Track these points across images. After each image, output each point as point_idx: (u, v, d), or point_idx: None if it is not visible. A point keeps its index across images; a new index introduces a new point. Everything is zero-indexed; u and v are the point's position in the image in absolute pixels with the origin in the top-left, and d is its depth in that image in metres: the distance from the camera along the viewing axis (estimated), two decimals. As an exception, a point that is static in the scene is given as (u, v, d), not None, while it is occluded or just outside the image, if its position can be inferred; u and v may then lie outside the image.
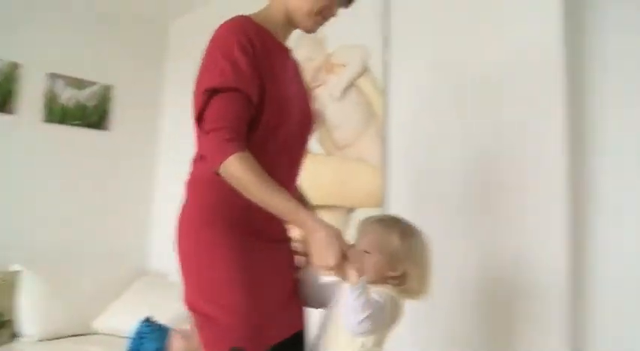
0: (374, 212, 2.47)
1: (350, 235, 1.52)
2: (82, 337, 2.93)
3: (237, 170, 1.33)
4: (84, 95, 3.52)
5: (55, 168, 3.39)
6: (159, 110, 3.94)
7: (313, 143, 2.57)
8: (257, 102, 1.41)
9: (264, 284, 1.41)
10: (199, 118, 1.42)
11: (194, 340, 2.29)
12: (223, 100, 1.39)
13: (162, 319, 2.51)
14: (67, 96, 3.45)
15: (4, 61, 3.19)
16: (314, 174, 2.36)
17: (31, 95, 3.31)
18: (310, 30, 1.59)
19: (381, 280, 1.43)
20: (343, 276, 1.30)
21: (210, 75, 1.41)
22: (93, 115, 3.56)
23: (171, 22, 4.03)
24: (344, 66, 2.85)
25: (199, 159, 1.51)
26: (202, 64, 1.46)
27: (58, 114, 3.41)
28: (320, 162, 2.81)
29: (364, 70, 2.73)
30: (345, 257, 1.29)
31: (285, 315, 1.46)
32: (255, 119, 1.43)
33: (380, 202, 2.50)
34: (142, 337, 2.31)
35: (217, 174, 1.36)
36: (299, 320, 1.52)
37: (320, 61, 2.96)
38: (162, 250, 3.73)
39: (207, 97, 1.39)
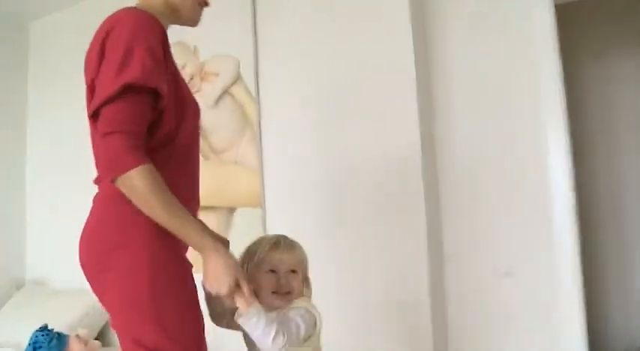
0: (255, 212, 2.75)
1: (232, 234, 1.69)
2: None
3: (140, 185, 1.22)
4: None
5: None
6: (25, 114, 3.84)
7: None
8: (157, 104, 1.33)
9: (197, 308, 1.39)
10: (95, 114, 1.30)
11: (92, 343, 2.42)
12: (135, 99, 1.27)
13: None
14: None
15: None
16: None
17: None
18: (196, 22, 1.56)
19: (300, 293, 1.54)
20: (233, 304, 1.35)
21: (128, 68, 1.26)
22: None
23: (32, 22, 3.93)
24: (217, 75, 3.06)
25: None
26: (109, 53, 1.31)
27: None
28: (199, 165, 3.01)
29: (237, 79, 2.96)
30: (237, 286, 1.31)
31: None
32: (155, 121, 1.34)
33: (259, 203, 2.78)
34: (40, 347, 2.38)
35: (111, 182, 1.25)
36: None
37: (193, 69, 3.13)
38: (38, 259, 3.69)
39: (118, 92, 1.25)
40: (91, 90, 1.37)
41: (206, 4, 1.56)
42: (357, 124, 2.61)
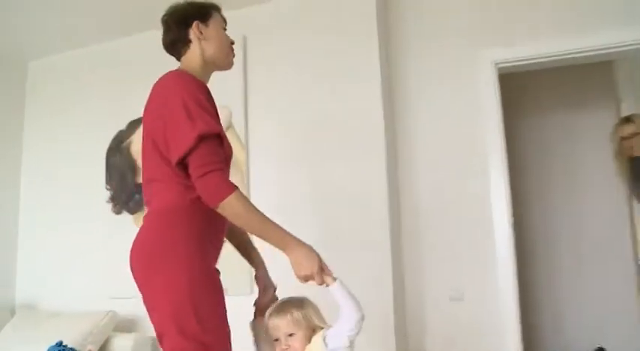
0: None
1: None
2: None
3: (238, 207, 1.58)
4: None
5: None
6: (20, 144, 4.16)
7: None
8: None
9: (224, 309, 1.70)
10: (180, 160, 1.61)
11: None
12: (211, 145, 1.61)
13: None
14: None
15: None
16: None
17: None
18: (231, 65, 1.92)
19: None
20: (321, 282, 1.62)
21: (193, 123, 1.59)
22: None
23: (30, 63, 4.26)
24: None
25: (165, 190, 1.69)
26: (171, 114, 1.63)
27: None
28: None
29: (229, 127, 3.38)
30: (321, 267, 1.62)
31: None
32: None
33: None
34: (54, 361, 2.67)
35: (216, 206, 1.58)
36: None
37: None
38: (28, 283, 3.94)
39: (196, 143, 1.57)
40: (150, 140, 1.72)
41: (233, 43, 1.91)
42: (335, 166, 3.10)
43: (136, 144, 3.72)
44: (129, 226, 3.61)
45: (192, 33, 1.84)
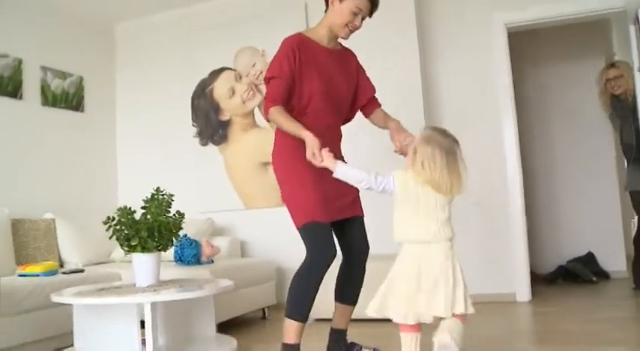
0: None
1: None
2: (105, 263, 4.07)
3: (275, 115, 2.30)
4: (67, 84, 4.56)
5: (49, 140, 4.39)
6: (114, 94, 5.09)
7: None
8: (292, 84, 2.34)
9: (321, 182, 2.30)
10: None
11: (217, 247, 3.69)
12: (274, 83, 2.34)
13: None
14: (55, 85, 4.46)
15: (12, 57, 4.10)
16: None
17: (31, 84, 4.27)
18: (344, 37, 2.46)
19: None
20: (319, 161, 2.13)
21: (269, 68, 2.37)
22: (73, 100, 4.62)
23: (118, 26, 5.12)
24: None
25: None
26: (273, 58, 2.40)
27: (51, 99, 4.42)
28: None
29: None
30: (319, 150, 2.13)
31: (336, 205, 2.38)
32: (292, 90, 2.35)
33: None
34: (184, 247, 3.63)
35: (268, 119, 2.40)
36: (348, 211, 2.44)
37: (262, 66, 4.40)
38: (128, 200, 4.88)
39: (266, 82, 2.39)
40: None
41: (356, 27, 2.43)
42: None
43: (218, 89, 4.64)
44: (214, 155, 4.59)
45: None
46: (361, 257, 2.50)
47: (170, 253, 3.71)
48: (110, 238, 2.65)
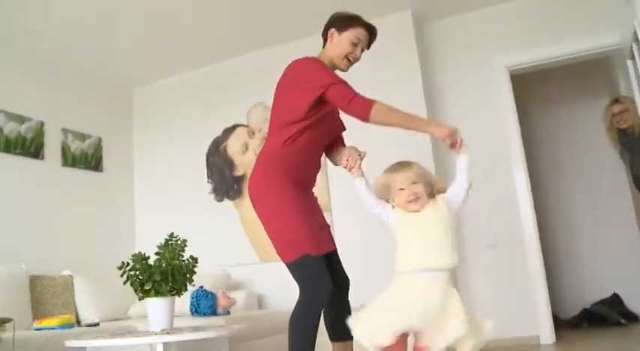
0: (326, 214, 4.11)
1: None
2: (121, 320, 4.06)
3: (384, 110, 2.15)
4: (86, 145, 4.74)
5: (68, 199, 4.51)
6: (132, 153, 5.25)
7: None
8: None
9: (309, 214, 2.25)
10: (311, 110, 2.22)
11: (233, 298, 3.68)
12: (340, 85, 2.20)
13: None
14: (75, 146, 4.63)
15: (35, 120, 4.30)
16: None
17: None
18: (344, 69, 2.44)
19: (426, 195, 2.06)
20: (454, 145, 2.09)
21: (320, 78, 2.21)
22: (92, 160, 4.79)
23: (136, 89, 5.35)
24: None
25: (274, 142, 2.31)
26: (297, 77, 2.29)
27: (70, 160, 4.58)
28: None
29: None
30: (456, 132, 2.10)
31: (323, 237, 2.29)
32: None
33: (329, 209, 4.16)
34: (200, 299, 3.63)
35: (283, 144, 2.25)
36: (331, 244, 2.36)
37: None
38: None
39: (324, 90, 2.18)
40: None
41: (356, 59, 2.45)
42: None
43: (231, 145, 4.76)
44: (230, 210, 4.65)
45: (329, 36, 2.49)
46: (346, 291, 2.43)
47: (186, 306, 3.73)
48: (124, 283, 2.67)
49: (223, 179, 4.76)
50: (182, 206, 4.90)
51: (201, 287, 3.68)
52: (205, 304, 3.65)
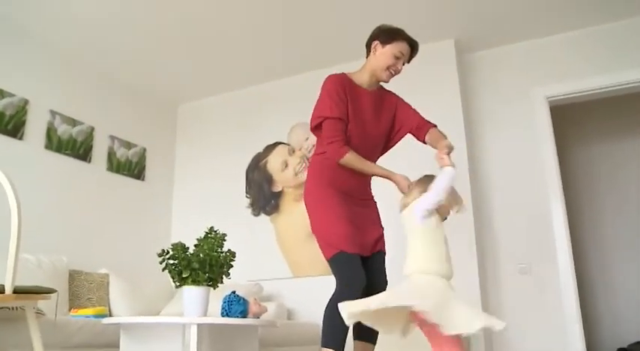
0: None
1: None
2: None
3: (351, 160, 2.41)
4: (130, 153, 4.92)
5: (111, 202, 4.66)
6: (173, 168, 5.42)
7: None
8: (346, 122, 2.48)
9: (350, 218, 2.43)
10: (315, 129, 2.55)
11: (264, 305, 3.70)
12: (332, 123, 2.45)
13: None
14: (121, 153, 4.81)
15: (86, 125, 4.50)
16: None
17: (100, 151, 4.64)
18: (386, 80, 2.61)
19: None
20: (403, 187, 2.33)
21: (323, 107, 2.48)
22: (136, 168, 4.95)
23: (181, 106, 5.56)
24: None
25: (316, 153, 2.60)
26: (318, 99, 2.53)
27: (115, 165, 4.75)
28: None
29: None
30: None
31: (364, 242, 2.46)
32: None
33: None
34: (232, 303, 3.66)
35: (338, 163, 2.44)
36: (366, 248, 2.48)
37: (313, 141, 4.63)
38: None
39: (321, 120, 2.48)
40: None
41: (397, 71, 2.61)
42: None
43: (271, 162, 4.87)
44: (266, 224, 4.72)
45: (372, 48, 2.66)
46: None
47: (218, 309, 3.76)
48: (163, 270, 2.75)
49: (261, 194, 4.85)
50: (219, 218, 4.93)
51: (234, 292, 3.71)
52: (237, 309, 3.65)
